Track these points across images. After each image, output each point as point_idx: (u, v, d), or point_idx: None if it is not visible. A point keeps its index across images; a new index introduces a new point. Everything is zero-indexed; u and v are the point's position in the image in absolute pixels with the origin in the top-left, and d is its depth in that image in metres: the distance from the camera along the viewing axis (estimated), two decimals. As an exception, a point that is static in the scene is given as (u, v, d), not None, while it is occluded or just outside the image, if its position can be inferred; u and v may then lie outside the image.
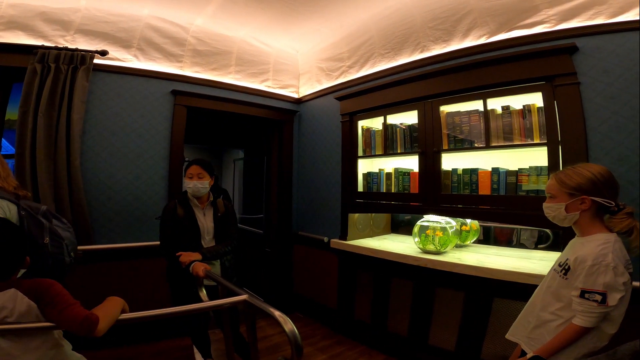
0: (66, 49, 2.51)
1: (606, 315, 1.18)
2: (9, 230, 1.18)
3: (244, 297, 1.47)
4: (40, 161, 2.23)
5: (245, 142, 4.72)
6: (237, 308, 1.55)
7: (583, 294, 1.17)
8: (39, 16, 2.54)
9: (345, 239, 2.96)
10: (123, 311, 1.28)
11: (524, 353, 1.34)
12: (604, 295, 1.15)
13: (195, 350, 2.41)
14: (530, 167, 2.01)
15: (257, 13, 2.90)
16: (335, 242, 3.00)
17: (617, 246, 1.21)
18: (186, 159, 2.82)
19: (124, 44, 2.82)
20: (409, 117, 2.67)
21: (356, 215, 2.99)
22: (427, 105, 2.47)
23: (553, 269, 1.36)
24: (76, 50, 2.54)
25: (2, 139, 2.52)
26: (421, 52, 2.68)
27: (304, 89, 3.63)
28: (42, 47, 2.44)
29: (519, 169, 2.05)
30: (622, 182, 1.70)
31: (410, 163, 2.65)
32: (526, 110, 2.04)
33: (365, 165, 2.93)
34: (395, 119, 2.75)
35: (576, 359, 1.22)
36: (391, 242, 2.87)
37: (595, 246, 1.21)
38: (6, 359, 1.11)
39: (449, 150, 2.36)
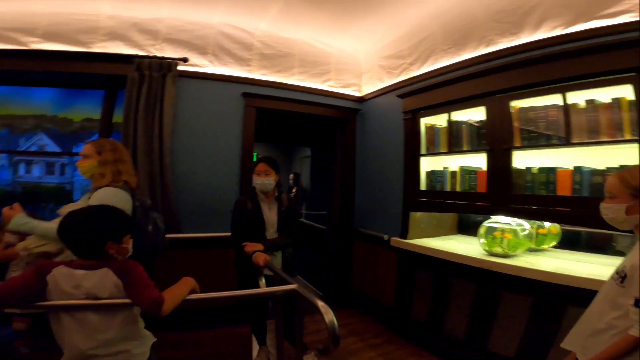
0: (156, 57, 2.84)
1: None
2: (99, 213, 1.31)
3: (293, 286, 1.57)
4: (140, 160, 2.58)
5: (311, 141, 4.90)
6: (294, 298, 1.64)
7: (637, 302, 1.09)
8: (133, 27, 2.90)
9: (405, 238, 2.96)
10: (193, 291, 1.40)
11: None
12: None
13: (253, 337, 2.59)
14: (621, 166, 1.84)
15: (315, 15, 3.01)
16: (395, 241, 3.01)
17: None
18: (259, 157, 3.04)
19: (201, 50, 3.10)
20: (475, 114, 2.57)
21: (418, 214, 2.97)
22: (495, 100, 2.37)
23: (611, 276, 1.26)
24: (164, 58, 2.86)
25: None
26: (487, 46, 2.57)
27: (366, 88, 3.67)
28: (138, 56, 2.79)
29: (607, 167, 1.89)
30: None
31: (477, 161, 2.57)
32: (615, 103, 1.87)
33: (428, 163, 2.89)
34: (460, 115, 2.68)
35: None
36: (456, 243, 2.80)
37: None
38: (93, 333, 1.23)
39: (522, 147, 2.24)
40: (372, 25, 3.13)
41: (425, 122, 2.89)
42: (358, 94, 3.74)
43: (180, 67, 2.94)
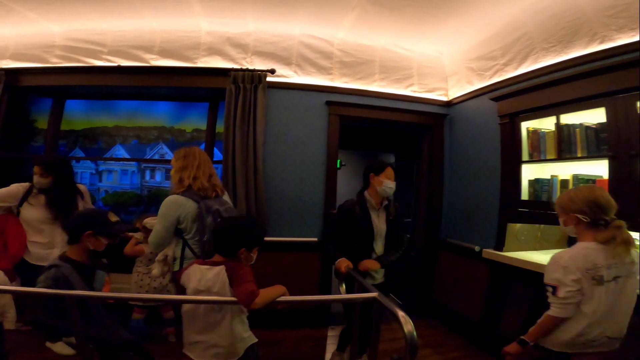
0: (247, 69, 3.01)
1: (579, 308, 1.50)
2: (242, 224, 1.56)
3: (374, 294, 1.57)
4: (238, 167, 2.75)
5: (395, 147, 4.86)
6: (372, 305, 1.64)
7: (544, 286, 1.56)
8: (227, 41, 3.12)
9: (501, 250, 2.75)
10: (283, 295, 1.51)
11: None
12: (554, 287, 1.52)
13: (327, 341, 2.59)
14: None
15: (392, 21, 2.96)
16: (489, 253, 2.81)
17: (583, 252, 1.51)
18: (343, 164, 3.07)
19: (285, 61, 3.23)
20: (591, 116, 2.32)
21: (517, 225, 2.74)
22: (618, 101, 2.11)
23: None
24: (255, 70, 3.02)
25: (214, 148, 3.18)
26: (600, 42, 2.31)
27: (453, 91, 3.52)
28: (233, 69, 2.98)
29: None
30: None
31: (596, 169, 2.30)
32: None
33: (531, 171, 2.66)
34: (571, 118, 2.43)
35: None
36: (565, 258, 2.54)
37: (565, 250, 1.58)
38: (204, 325, 1.42)
39: (656, 153, 1.96)
40: (456, 27, 3.01)
41: (526, 126, 2.67)
42: (445, 99, 3.59)
43: (268, 79, 3.08)
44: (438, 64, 3.54)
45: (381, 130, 4.67)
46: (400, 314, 1.36)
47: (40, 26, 3.09)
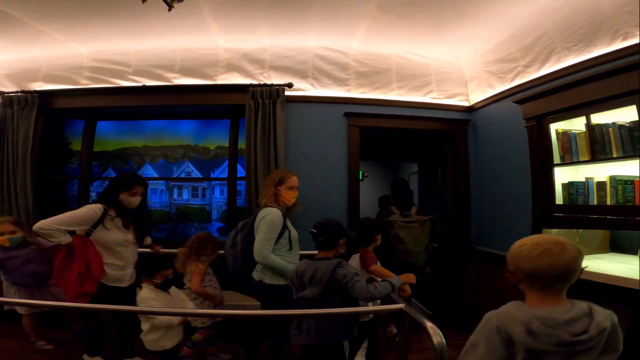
0: (265, 85, 3.05)
1: None
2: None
3: (400, 305, 1.58)
4: (261, 183, 2.76)
5: (418, 156, 4.81)
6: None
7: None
8: (244, 57, 3.18)
9: (536, 257, 2.64)
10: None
11: None
12: None
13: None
14: None
15: (404, 29, 2.96)
16: (523, 260, 2.71)
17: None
18: (365, 175, 3.06)
19: (302, 74, 3.25)
20: (623, 114, 2.22)
21: (554, 230, 2.63)
22: (650, 98, 2.01)
23: None
24: (272, 85, 3.05)
25: (237, 165, 3.24)
26: (624, 39, 2.22)
27: (475, 96, 3.45)
28: (251, 85, 3.03)
29: None
30: None
31: (634, 169, 2.18)
32: None
33: (565, 174, 2.56)
34: (602, 117, 2.33)
35: None
36: (607, 263, 2.40)
37: None
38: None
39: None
40: (471, 30, 2.98)
41: (555, 127, 2.59)
42: (466, 104, 3.53)
43: (286, 93, 3.10)
44: (456, 69, 3.49)
45: (403, 140, 4.63)
46: (429, 325, 1.36)
47: (68, 48, 3.19)
